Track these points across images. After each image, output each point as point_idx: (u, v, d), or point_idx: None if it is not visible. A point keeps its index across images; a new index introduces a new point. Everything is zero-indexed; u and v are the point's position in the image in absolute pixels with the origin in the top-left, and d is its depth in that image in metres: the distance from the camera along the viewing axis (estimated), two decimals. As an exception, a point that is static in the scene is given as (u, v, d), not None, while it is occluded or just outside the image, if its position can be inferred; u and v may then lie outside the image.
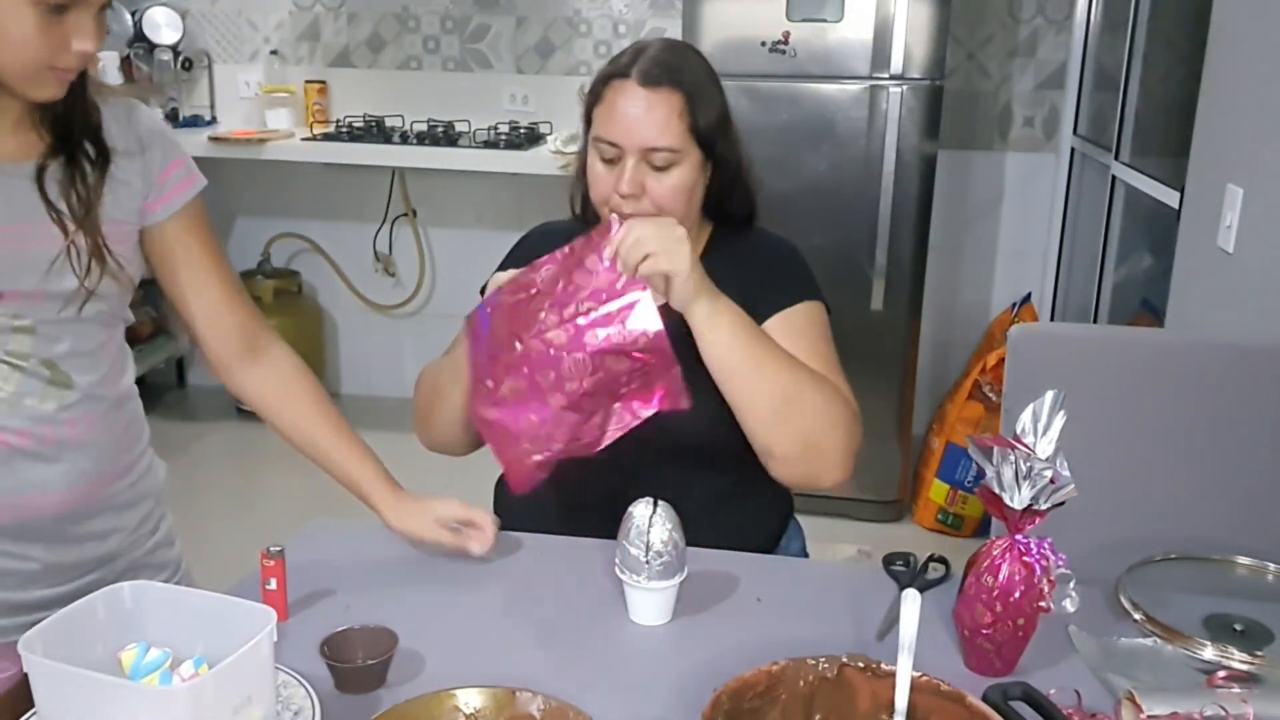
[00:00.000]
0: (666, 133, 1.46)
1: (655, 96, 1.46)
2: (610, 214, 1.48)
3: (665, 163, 1.47)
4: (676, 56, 1.51)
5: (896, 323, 3.38)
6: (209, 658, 0.97)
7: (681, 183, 1.49)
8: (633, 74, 1.47)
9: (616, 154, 1.48)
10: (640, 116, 1.46)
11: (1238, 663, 1.19)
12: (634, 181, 1.46)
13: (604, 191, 1.51)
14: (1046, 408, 1.15)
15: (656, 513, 1.27)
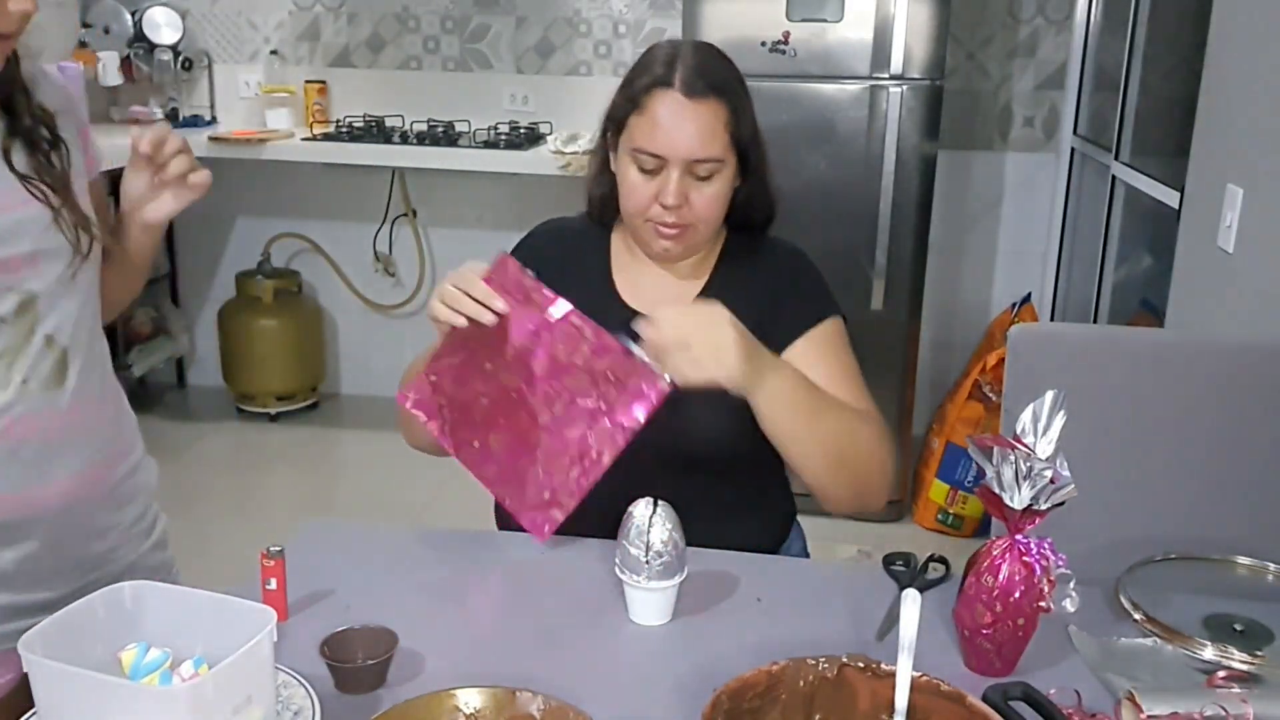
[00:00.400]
0: (713, 143, 1.46)
1: (701, 107, 1.45)
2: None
3: (709, 173, 1.47)
4: (716, 63, 1.50)
5: (896, 323, 3.38)
6: (209, 658, 0.97)
7: (722, 191, 1.50)
8: (676, 84, 1.45)
9: (658, 165, 1.46)
10: (686, 128, 1.44)
11: (1238, 663, 1.19)
12: (679, 193, 1.46)
13: (643, 202, 1.49)
14: (1046, 408, 1.15)
15: (656, 513, 1.27)
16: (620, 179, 1.52)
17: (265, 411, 4.26)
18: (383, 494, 3.68)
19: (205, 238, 4.45)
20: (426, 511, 3.39)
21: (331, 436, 4.25)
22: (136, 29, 4.06)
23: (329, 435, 4.25)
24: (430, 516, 3.37)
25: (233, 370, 4.29)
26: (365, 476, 3.94)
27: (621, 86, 1.53)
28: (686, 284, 1.59)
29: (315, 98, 4.11)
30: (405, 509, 3.43)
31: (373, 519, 3.44)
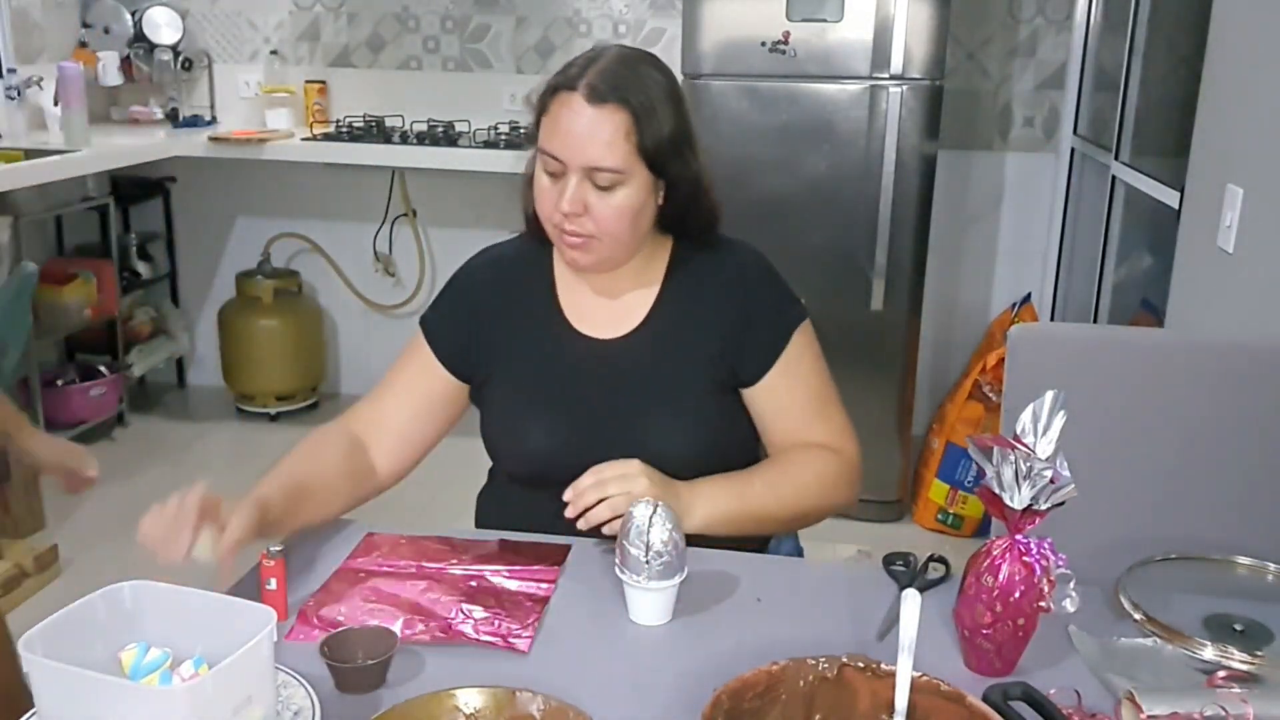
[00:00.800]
0: (611, 153, 1.39)
1: (600, 114, 1.39)
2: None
3: (609, 183, 1.41)
4: (628, 70, 1.42)
5: (896, 323, 3.38)
6: (209, 658, 0.97)
7: (626, 203, 1.42)
8: (579, 88, 1.39)
9: (560, 169, 1.42)
10: (584, 134, 1.39)
11: (1238, 663, 1.19)
12: (576, 200, 1.42)
13: (548, 207, 1.46)
14: (1046, 408, 1.15)
15: (656, 513, 1.27)
16: (534, 183, 1.49)
17: (265, 411, 4.26)
18: (383, 494, 3.67)
19: (205, 238, 4.45)
20: (426, 511, 3.38)
21: (331, 436, 4.24)
22: (136, 29, 4.06)
23: (329, 435, 4.24)
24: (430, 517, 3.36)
25: (233, 370, 4.29)
26: (365, 476, 3.93)
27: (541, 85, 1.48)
28: (634, 300, 1.55)
29: (315, 98, 4.12)
30: (405, 509, 3.42)
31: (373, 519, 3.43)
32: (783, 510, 1.49)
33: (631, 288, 1.55)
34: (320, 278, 4.42)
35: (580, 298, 1.56)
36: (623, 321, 1.54)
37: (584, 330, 1.54)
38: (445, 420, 1.60)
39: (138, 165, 3.93)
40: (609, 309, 1.54)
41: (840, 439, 1.54)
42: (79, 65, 3.70)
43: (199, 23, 4.24)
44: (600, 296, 1.55)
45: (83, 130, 3.64)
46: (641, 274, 1.55)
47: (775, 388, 1.53)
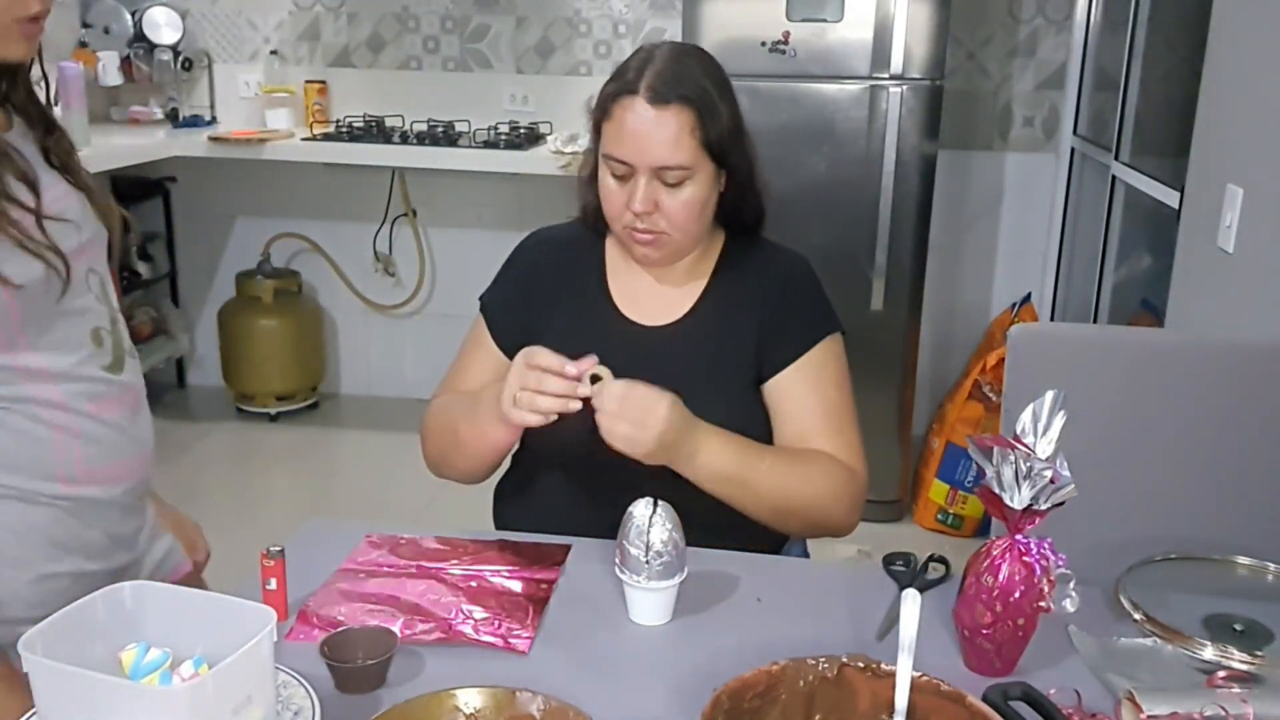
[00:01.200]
0: (678, 151, 1.44)
1: (665, 114, 1.44)
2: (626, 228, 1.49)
3: (678, 179, 1.46)
4: (684, 68, 1.47)
5: (896, 323, 3.38)
6: (209, 658, 0.97)
7: (694, 197, 1.48)
8: (640, 91, 1.44)
9: (628, 171, 1.46)
10: (650, 135, 1.44)
11: (1238, 663, 1.19)
12: (647, 200, 1.46)
13: (617, 208, 1.50)
14: (1046, 408, 1.15)
15: (656, 513, 1.27)
16: (600, 185, 1.52)
17: (265, 411, 4.26)
18: (383, 494, 3.68)
19: (205, 238, 4.45)
20: (426, 511, 3.38)
21: (331, 436, 4.25)
22: (136, 29, 4.06)
23: (329, 435, 4.25)
24: (430, 516, 3.37)
25: (233, 370, 4.29)
26: (365, 476, 3.94)
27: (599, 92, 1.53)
28: (683, 291, 1.59)
29: (315, 98, 4.11)
30: (405, 509, 3.42)
31: (373, 519, 3.43)
32: (779, 496, 1.47)
33: (683, 279, 1.60)
34: (320, 278, 4.42)
35: (630, 285, 1.60)
36: (669, 310, 1.58)
37: (631, 316, 1.59)
38: None
39: (138, 165, 3.93)
40: (657, 297, 1.59)
41: (850, 458, 1.53)
42: (79, 65, 3.70)
43: (199, 23, 4.24)
44: (650, 285, 1.60)
45: (83, 130, 3.63)
46: (694, 266, 1.60)
47: (791, 387, 1.54)
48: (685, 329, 1.57)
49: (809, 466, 1.50)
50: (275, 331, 4.20)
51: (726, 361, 1.56)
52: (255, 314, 4.20)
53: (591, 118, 1.53)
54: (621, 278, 1.61)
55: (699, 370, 1.55)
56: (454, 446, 1.54)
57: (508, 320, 1.61)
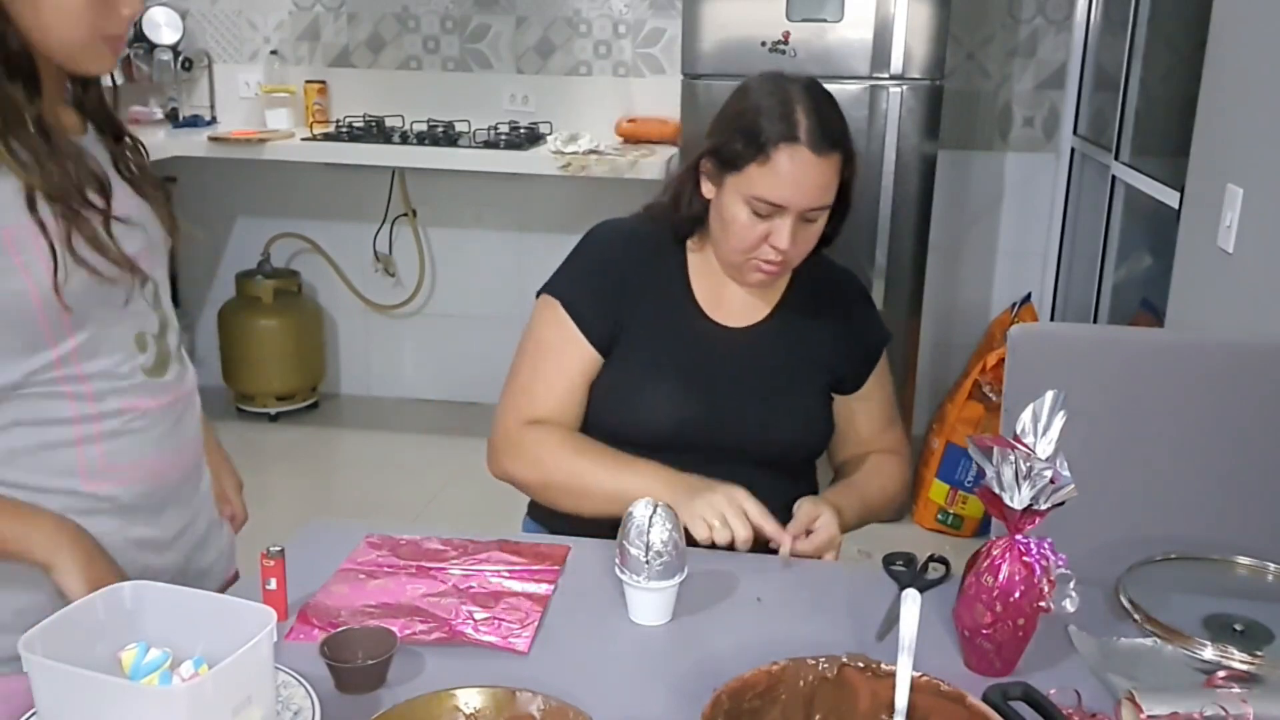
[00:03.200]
0: (828, 193, 1.52)
1: (826, 162, 1.50)
2: None
3: (817, 215, 1.53)
4: (833, 112, 1.54)
5: (896, 323, 3.37)
6: (209, 658, 0.97)
7: (820, 228, 1.56)
8: (803, 139, 1.48)
9: (773, 211, 1.50)
10: (812, 182, 1.49)
11: (1238, 663, 1.19)
12: (793, 238, 1.51)
13: (750, 243, 1.54)
14: (1046, 408, 1.15)
15: (656, 513, 1.27)
16: (728, 218, 1.54)
17: (265, 411, 4.26)
18: (383, 494, 3.68)
19: (205, 238, 4.45)
20: (426, 511, 3.39)
21: (331, 436, 4.25)
22: (136, 29, 4.06)
23: (329, 435, 4.25)
24: (430, 516, 3.37)
25: (233, 370, 4.29)
26: (365, 476, 3.94)
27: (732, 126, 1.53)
28: (762, 297, 1.66)
29: (315, 98, 4.11)
30: (405, 509, 3.42)
31: (373, 519, 3.43)
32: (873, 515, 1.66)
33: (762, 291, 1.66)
34: (320, 278, 4.42)
35: (713, 289, 1.65)
36: (751, 313, 1.65)
37: (716, 318, 1.64)
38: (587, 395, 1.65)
39: (138, 165, 3.92)
40: (739, 301, 1.65)
41: (903, 444, 1.78)
42: (79, 65, 3.70)
43: (199, 23, 4.24)
44: (733, 289, 1.65)
45: (83, 130, 3.63)
46: None
47: (870, 396, 1.71)
48: (765, 332, 1.64)
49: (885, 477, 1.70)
50: (275, 331, 4.20)
51: (801, 366, 1.65)
52: (255, 314, 4.20)
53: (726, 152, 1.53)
54: (703, 280, 1.65)
55: (776, 372, 1.63)
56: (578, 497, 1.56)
57: (597, 314, 1.61)
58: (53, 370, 1.17)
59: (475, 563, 1.40)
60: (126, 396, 1.23)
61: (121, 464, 1.24)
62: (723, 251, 1.59)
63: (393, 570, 1.38)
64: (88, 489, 1.23)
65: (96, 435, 1.22)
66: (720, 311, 1.64)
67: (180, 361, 1.32)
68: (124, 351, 1.23)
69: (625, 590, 1.29)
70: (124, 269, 1.18)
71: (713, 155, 1.55)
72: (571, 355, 1.61)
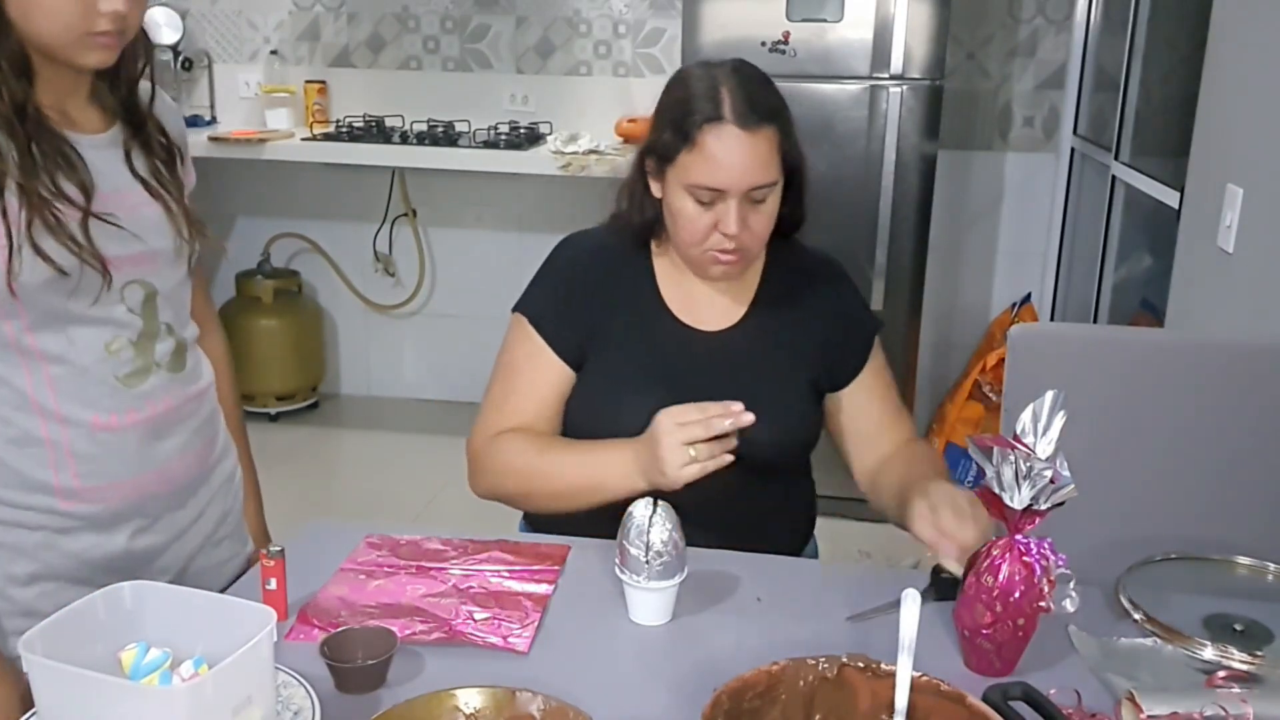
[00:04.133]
0: (769, 169, 1.48)
1: (757, 138, 1.45)
2: None
3: (764, 195, 1.49)
4: (761, 87, 1.50)
5: (896, 323, 3.38)
6: (209, 658, 0.97)
7: (774, 209, 1.52)
8: (728, 116, 1.45)
9: (715, 196, 1.47)
10: (745, 160, 1.45)
11: (1238, 663, 1.19)
12: (741, 222, 1.48)
13: (700, 234, 1.50)
14: (1046, 408, 1.15)
15: (656, 513, 1.27)
16: (674, 211, 1.51)
17: (265, 411, 4.26)
18: (383, 494, 3.68)
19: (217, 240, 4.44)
20: (426, 511, 3.39)
21: (331, 436, 4.25)
22: (136, 29, 4.06)
23: (329, 435, 4.25)
24: (430, 516, 3.37)
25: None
26: (365, 476, 3.94)
27: (662, 121, 1.51)
28: (735, 296, 1.62)
29: (315, 98, 4.11)
30: (405, 509, 3.42)
31: (373, 519, 3.43)
32: None
33: (735, 284, 1.62)
34: (320, 278, 4.42)
35: (684, 293, 1.62)
36: (725, 315, 1.61)
37: (688, 322, 1.60)
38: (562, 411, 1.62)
39: (138, 165, 3.93)
40: (712, 303, 1.61)
41: (914, 430, 1.70)
42: (79, 65, 3.70)
43: (199, 23, 4.24)
44: (704, 291, 1.61)
45: (83, 130, 3.64)
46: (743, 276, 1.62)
47: (871, 387, 1.66)
48: (743, 333, 1.61)
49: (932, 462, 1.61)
50: (275, 331, 4.20)
51: (783, 364, 1.60)
52: (255, 314, 4.20)
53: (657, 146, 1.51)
54: (673, 286, 1.61)
55: (758, 373, 1.59)
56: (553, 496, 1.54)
57: (564, 329, 1.59)
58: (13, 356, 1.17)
59: (475, 563, 1.40)
60: (98, 409, 1.22)
61: (99, 485, 1.24)
62: (680, 248, 1.55)
63: (393, 570, 1.38)
64: (65, 508, 1.22)
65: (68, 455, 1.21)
66: (693, 315, 1.60)
67: (173, 370, 1.30)
68: (93, 355, 1.22)
69: (625, 590, 1.29)
70: (94, 268, 1.17)
71: (651, 152, 1.53)
72: (541, 371, 1.59)
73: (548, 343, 1.58)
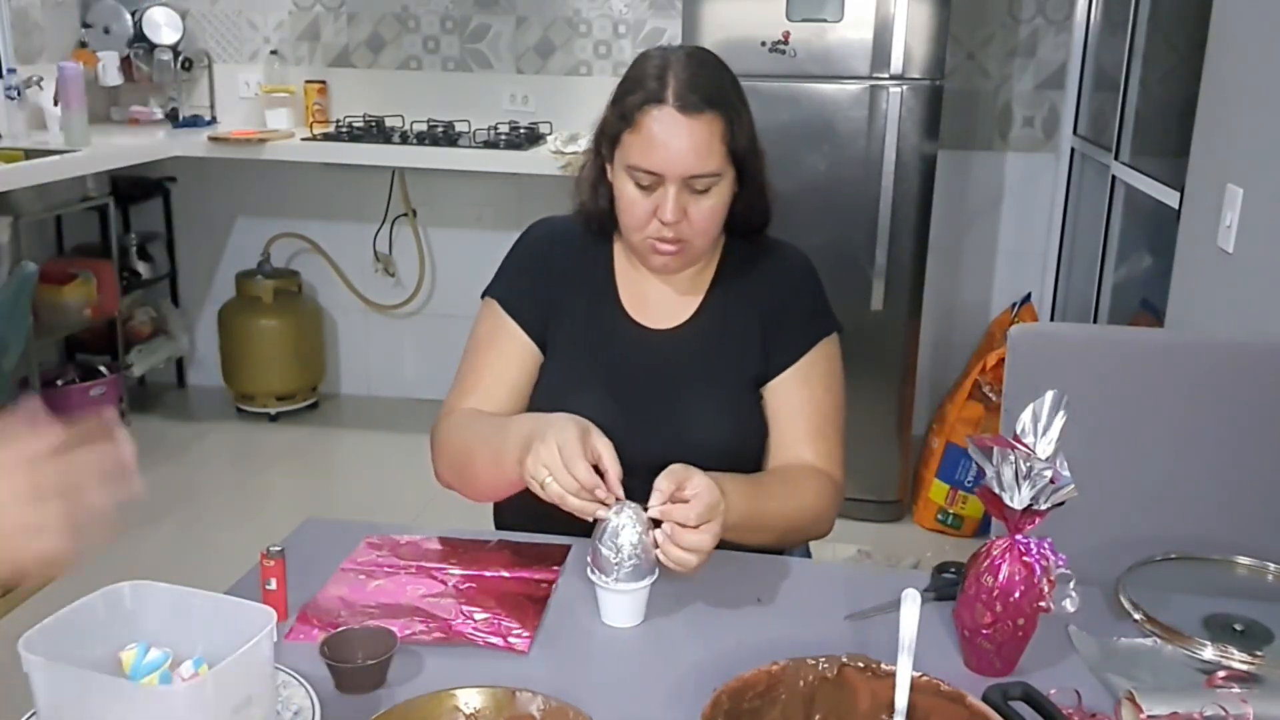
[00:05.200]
0: (710, 159, 1.43)
1: (697, 124, 1.42)
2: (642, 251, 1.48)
3: (706, 186, 1.45)
4: (709, 73, 1.47)
5: (896, 323, 3.38)
6: (209, 658, 0.97)
7: (719, 203, 1.48)
8: (670, 100, 1.42)
9: (655, 181, 1.45)
10: (683, 145, 1.42)
11: (1238, 663, 1.19)
12: (678, 210, 1.45)
13: (641, 219, 1.47)
14: (1046, 408, 1.15)
15: (626, 515, 1.26)
16: (617, 195, 1.50)
17: (265, 411, 4.26)
18: (383, 494, 3.68)
19: (205, 238, 4.45)
20: (426, 511, 3.38)
21: (331, 436, 4.25)
22: (136, 29, 4.06)
23: (329, 435, 4.25)
24: (430, 516, 3.37)
25: (233, 370, 4.29)
26: (365, 476, 3.94)
27: (613, 100, 1.50)
28: (688, 294, 1.60)
29: (315, 98, 4.11)
30: (405, 509, 3.42)
31: (373, 519, 3.43)
32: (781, 524, 1.46)
33: (687, 283, 1.60)
34: (320, 278, 4.42)
35: (638, 288, 1.60)
36: (675, 313, 1.58)
37: (638, 319, 1.58)
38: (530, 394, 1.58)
39: (138, 165, 3.93)
40: (664, 300, 1.59)
41: (832, 466, 1.54)
42: (79, 65, 3.70)
43: (199, 23, 4.24)
44: (656, 288, 1.59)
45: (83, 130, 3.64)
46: (698, 270, 1.59)
47: (784, 391, 1.56)
48: (690, 332, 1.57)
49: (801, 489, 1.49)
50: (275, 331, 4.20)
51: (730, 365, 1.56)
52: (255, 314, 4.20)
53: (605, 127, 1.50)
54: (628, 280, 1.60)
55: (703, 374, 1.55)
56: (470, 475, 1.51)
57: (529, 309, 1.58)
58: None
59: (475, 564, 1.40)
60: None
61: None
62: (624, 234, 1.53)
63: (393, 570, 1.38)
64: None
65: None
66: (644, 312, 1.58)
67: None
68: None
69: (596, 592, 1.28)
70: None
71: (602, 133, 1.51)
72: (505, 347, 1.57)
73: (514, 318, 1.58)
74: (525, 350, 1.58)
